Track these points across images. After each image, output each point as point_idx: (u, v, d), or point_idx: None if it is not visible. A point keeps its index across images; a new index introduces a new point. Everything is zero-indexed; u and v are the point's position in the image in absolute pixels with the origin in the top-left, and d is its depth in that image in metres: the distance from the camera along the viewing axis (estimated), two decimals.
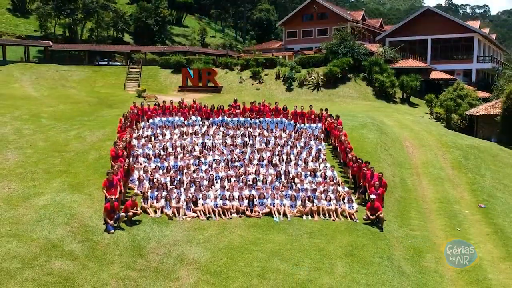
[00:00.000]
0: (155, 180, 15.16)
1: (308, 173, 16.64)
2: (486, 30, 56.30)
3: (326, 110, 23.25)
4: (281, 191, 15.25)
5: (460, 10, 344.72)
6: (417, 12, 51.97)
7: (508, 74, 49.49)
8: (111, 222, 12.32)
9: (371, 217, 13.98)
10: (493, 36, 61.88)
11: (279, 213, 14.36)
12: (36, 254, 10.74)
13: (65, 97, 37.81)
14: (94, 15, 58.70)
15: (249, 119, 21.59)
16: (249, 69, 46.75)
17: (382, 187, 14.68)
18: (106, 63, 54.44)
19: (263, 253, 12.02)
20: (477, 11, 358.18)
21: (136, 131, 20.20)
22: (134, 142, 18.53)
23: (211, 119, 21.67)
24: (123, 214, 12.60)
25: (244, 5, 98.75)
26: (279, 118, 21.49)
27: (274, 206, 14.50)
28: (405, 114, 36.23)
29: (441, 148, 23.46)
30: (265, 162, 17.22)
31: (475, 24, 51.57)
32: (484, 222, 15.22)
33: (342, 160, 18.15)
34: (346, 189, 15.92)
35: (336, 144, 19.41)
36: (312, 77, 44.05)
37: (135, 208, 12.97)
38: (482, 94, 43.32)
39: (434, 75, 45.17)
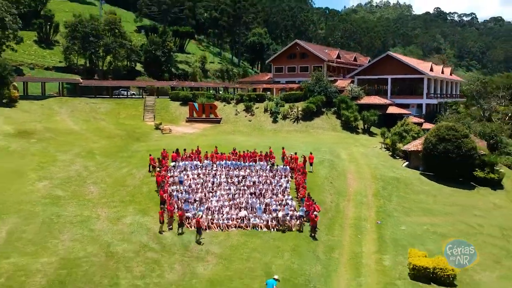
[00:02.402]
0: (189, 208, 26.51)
1: (278, 202, 28.01)
2: (439, 68, 68.16)
3: (295, 153, 34.44)
4: (262, 214, 26.61)
5: (449, 18, 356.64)
6: (379, 57, 63.63)
7: (454, 107, 61.42)
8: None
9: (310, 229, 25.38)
10: (448, 70, 73.83)
11: (260, 227, 25.68)
12: (138, 249, 22.06)
13: (99, 131, 48.67)
14: (112, 51, 69.71)
15: (242, 162, 32.94)
16: (243, 103, 58.00)
17: (316, 211, 26.01)
18: (125, 92, 65.34)
19: (249, 249, 23.36)
20: (465, 18, 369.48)
21: (169, 171, 31.54)
22: (170, 180, 29.86)
23: (217, 162, 32.98)
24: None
25: (239, 28, 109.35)
26: (261, 162, 32.84)
27: (257, 223, 25.82)
28: (361, 145, 47.40)
29: (371, 179, 34.94)
30: (252, 195, 28.57)
31: (427, 66, 63.35)
32: (375, 232, 26.65)
33: (299, 194, 29.52)
34: (300, 213, 27.25)
35: (296, 182, 30.75)
36: (293, 111, 55.49)
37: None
38: (428, 126, 54.74)
39: (390, 110, 56.75)
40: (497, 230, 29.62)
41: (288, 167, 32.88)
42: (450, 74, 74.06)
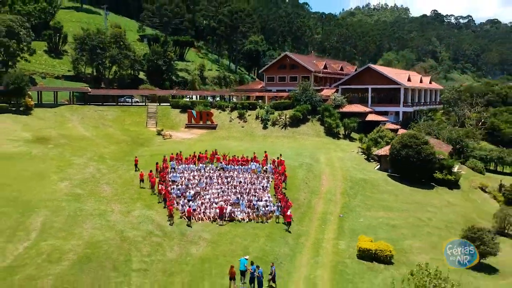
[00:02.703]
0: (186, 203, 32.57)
1: (259, 198, 34.03)
2: (417, 77, 74.15)
3: (278, 158, 40.45)
4: (245, 208, 32.65)
5: (445, 20, 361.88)
6: (361, 69, 69.80)
7: (429, 114, 67.38)
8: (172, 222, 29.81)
9: (285, 221, 31.43)
10: (428, 79, 79.87)
11: (244, 219, 31.70)
12: (146, 235, 28.16)
13: (108, 137, 54.63)
14: (118, 62, 75.81)
15: (232, 165, 39.00)
16: (236, 110, 63.99)
17: (288, 207, 32.00)
18: (129, 100, 71.41)
19: (233, 235, 29.39)
20: (461, 21, 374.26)
21: (169, 173, 37.59)
22: (170, 177, 35.93)
23: (210, 165, 39.04)
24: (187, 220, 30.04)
25: (236, 36, 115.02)
26: (246, 166, 38.94)
27: (241, 216, 31.86)
28: (341, 150, 53.29)
29: (342, 180, 40.95)
30: (238, 194, 34.61)
31: (404, 77, 69.43)
32: (336, 223, 32.66)
33: (277, 193, 35.57)
34: (275, 207, 33.28)
35: (276, 181, 36.80)
36: (282, 118, 61.48)
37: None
38: (403, 131, 60.72)
39: (369, 117, 62.81)
40: (443, 223, 35.61)
41: (270, 167, 38.90)
42: (430, 83, 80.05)
